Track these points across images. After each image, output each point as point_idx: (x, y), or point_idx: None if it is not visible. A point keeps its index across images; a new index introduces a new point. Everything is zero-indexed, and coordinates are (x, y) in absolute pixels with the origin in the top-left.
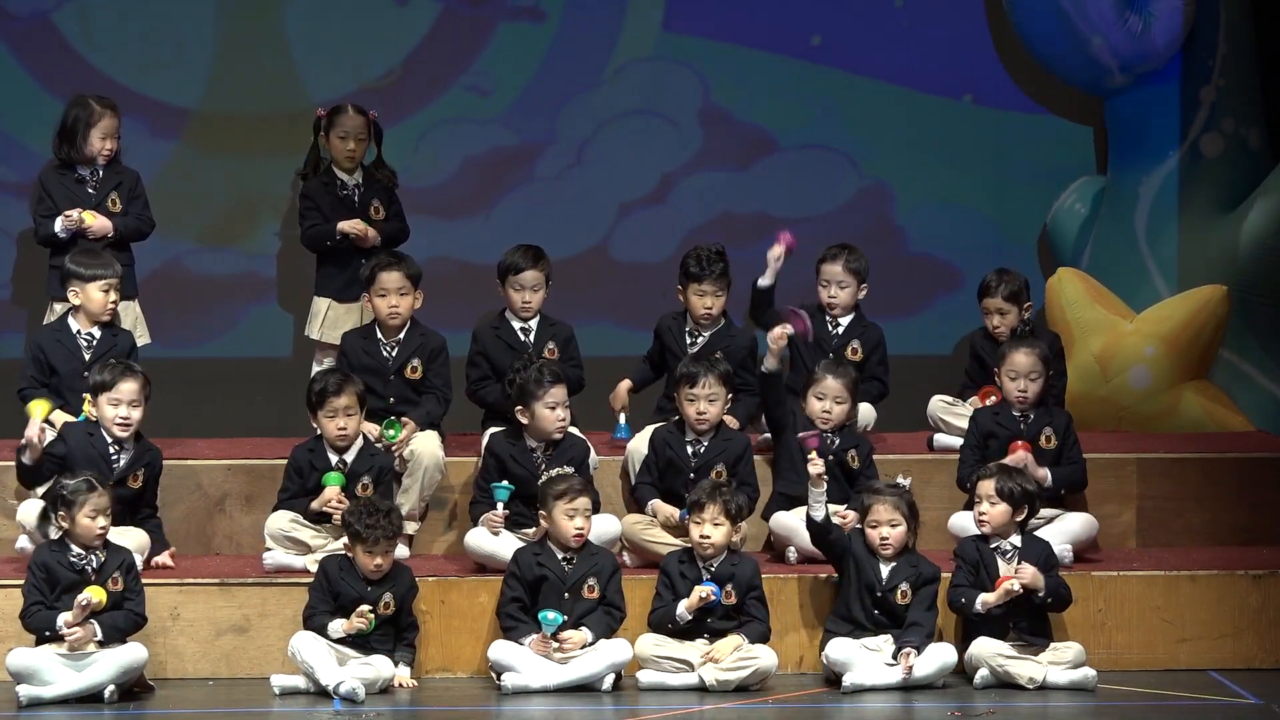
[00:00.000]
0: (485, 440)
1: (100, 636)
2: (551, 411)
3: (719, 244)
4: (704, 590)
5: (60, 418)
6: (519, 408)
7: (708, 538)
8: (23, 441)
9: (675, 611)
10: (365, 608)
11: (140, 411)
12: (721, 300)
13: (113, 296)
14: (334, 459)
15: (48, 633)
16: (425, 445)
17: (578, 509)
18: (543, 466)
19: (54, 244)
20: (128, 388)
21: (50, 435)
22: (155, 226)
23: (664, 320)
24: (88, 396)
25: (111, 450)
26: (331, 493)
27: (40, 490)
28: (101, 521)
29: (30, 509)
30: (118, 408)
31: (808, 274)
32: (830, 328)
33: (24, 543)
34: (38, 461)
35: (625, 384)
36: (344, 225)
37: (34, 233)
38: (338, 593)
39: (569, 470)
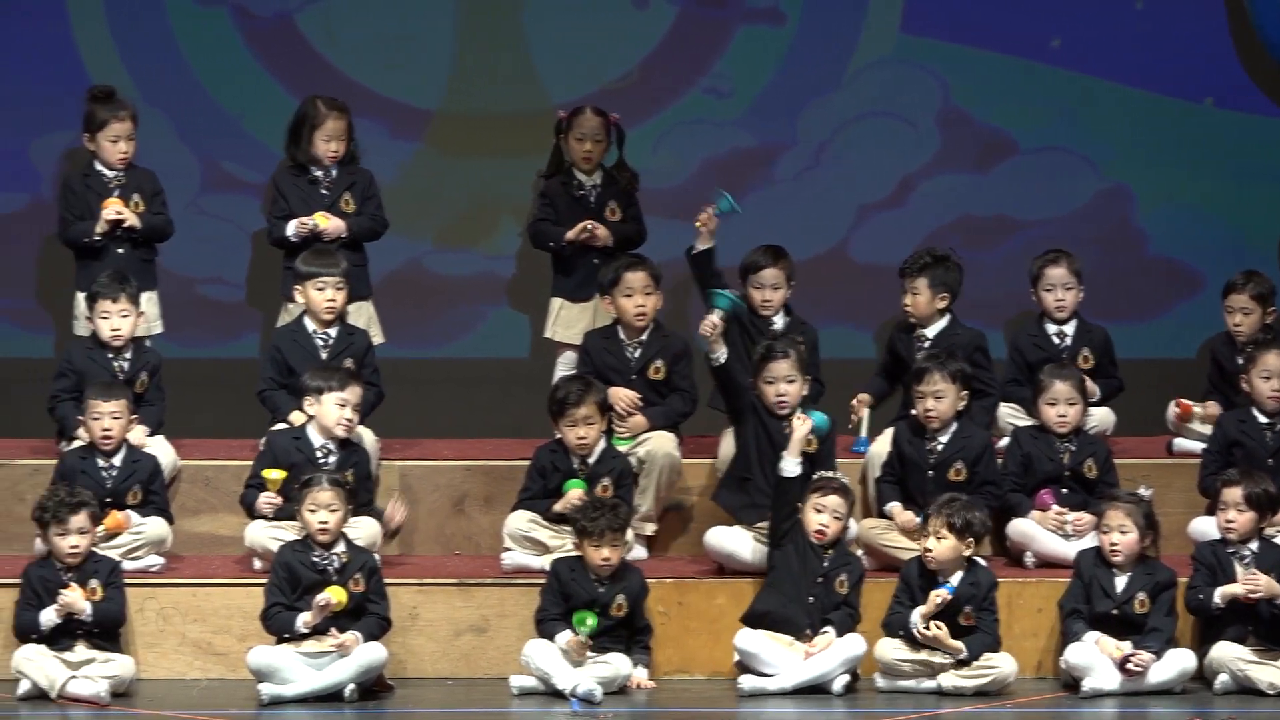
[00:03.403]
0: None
1: (362, 644)
2: (772, 386)
3: (942, 247)
4: (939, 594)
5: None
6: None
7: (929, 551)
8: (261, 504)
9: (910, 619)
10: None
11: (358, 415)
12: (924, 298)
13: (329, 295)
14: (575, 463)
15: (287, 634)
16: (661, 447)
17: (826, 506)
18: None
19: (286, 247)
20: (354, 391)
21: (277, 502)
22: (388, 227)
23: (891, 331)
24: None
25: (320, 453)
26: (573, 496)
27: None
28: (322, 516)
29: (257, 530)
30: (344, 409)
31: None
32: (1059, 340)
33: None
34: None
35: (865, 398)
36: (570, 235)
37: (268, 234)
38: (569, 594)
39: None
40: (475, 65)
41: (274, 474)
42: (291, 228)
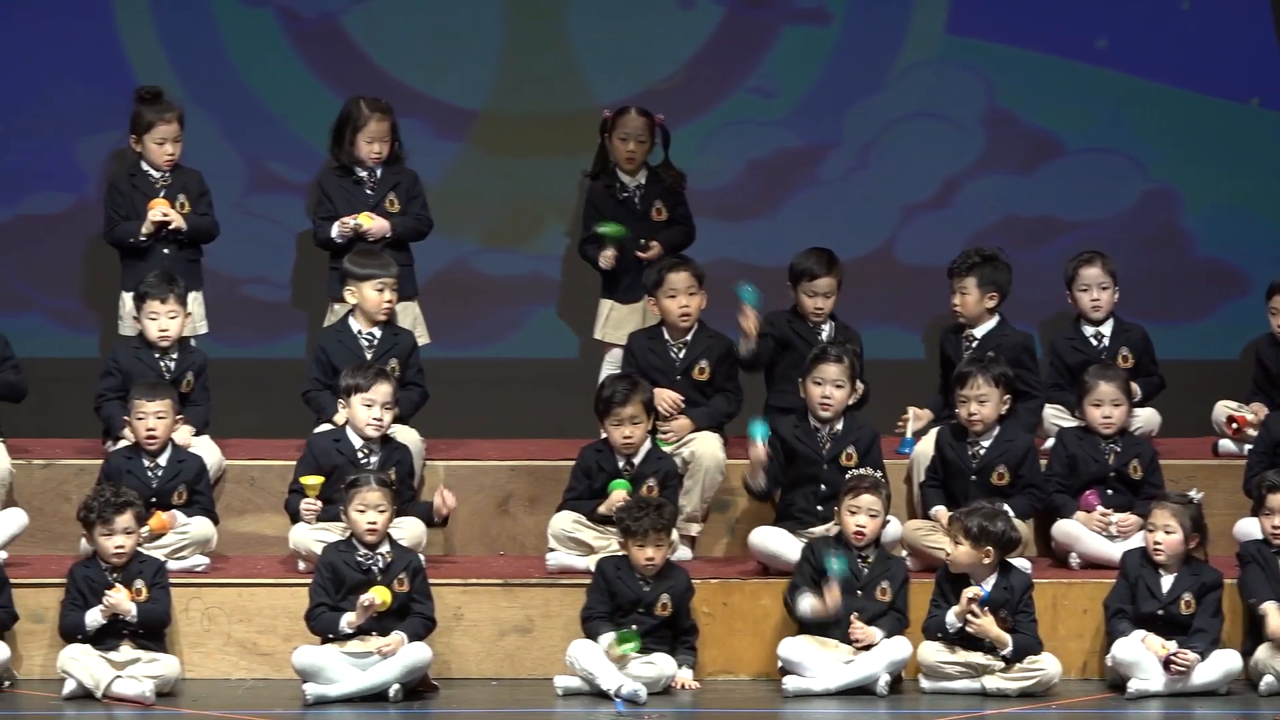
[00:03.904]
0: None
1: (406, 645)
2: (819, 388)
3: (991, 247)
4: (972, 592)
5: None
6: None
7: (949, 555)
8: (303, 511)
9: (946, 619)
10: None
11: (391, 414)
12: (973, 297)
13: (388, 296)
14: (621, 463)
15: (331, 635)
16: (706, 447)
17: (860, 506)
18: (828, 446)
19: (331, 248)
20: (381, 390)
21: (317, 508)
22: (433, 227)
23: (940, 334)
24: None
25: (360, 454)
26: (618, 497)
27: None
28: (371, 516)
29: (301, 532)
30: (371, 409)
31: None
32: (1096, 341)
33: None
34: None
35: (924, 412)
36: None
37: (313, 235)
38: (614, 593)
39: (867, 470)
40: (520, 65)
41: (312, 480)
42: (335, 229)
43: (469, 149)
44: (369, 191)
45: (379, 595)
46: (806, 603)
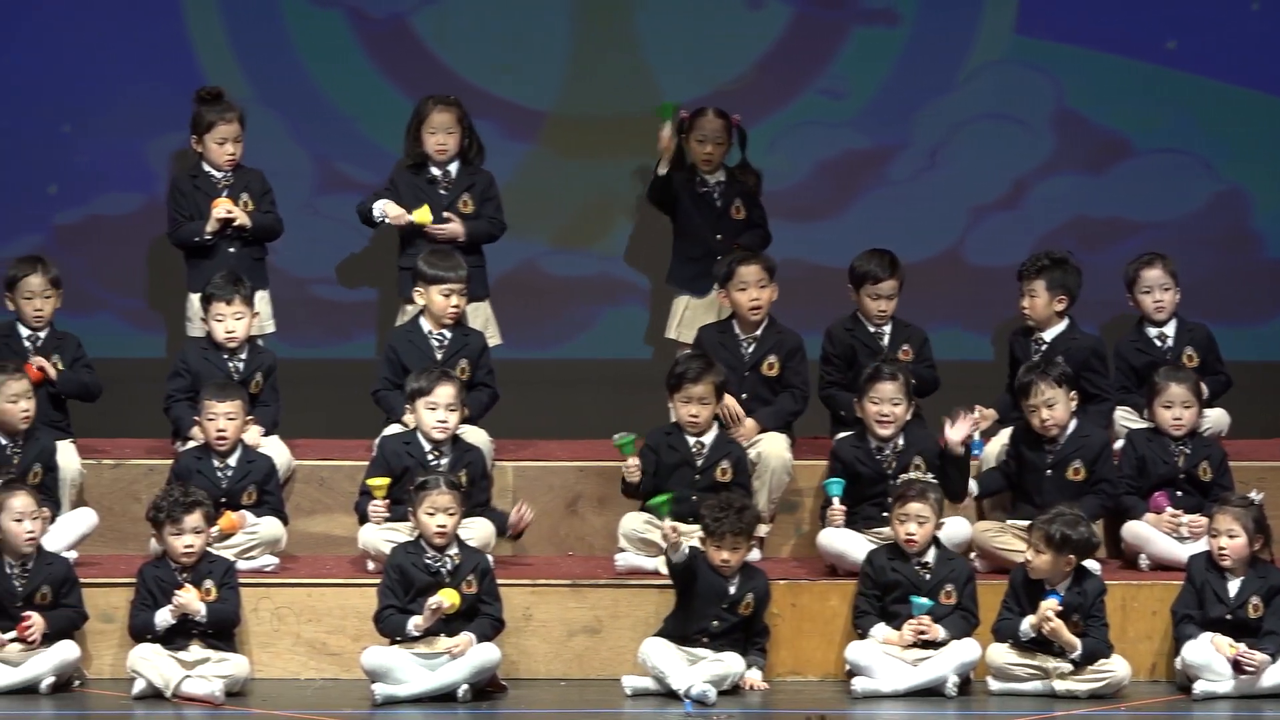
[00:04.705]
0: (832, 448)
1: (475, 645)
2: (876, 406)
3: (1061, 249)
4: (1049, 604)
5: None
6: (857, 402)
7: (1029, 562)
8: (371, 514)
9: (1020, 627)
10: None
11: (457, 415)
12: (1042, 300)
13: (454, 301)
14: (691, 442)
15: (399, 638)
16: (773, 448)
17: (909, 514)
18: (893, 464)
19: (368, 223)
20: (444, 392)
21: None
22: (505, 229)
23: (1009, 336)
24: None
25: (430, 456)
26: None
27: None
28: (440, 519)
29: (371, 532)
30: (435, 411)
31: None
32: (1160, 342)
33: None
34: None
35: (990, 413)
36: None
37: (359, 205)
38: (696, 588)
39: (919, 474)
40: (589, 66)
41: (378, 482)
42: (378, 207)
43: (538, 150)
44: (442, 190)
45: (447, 598)
46: (412, 623)
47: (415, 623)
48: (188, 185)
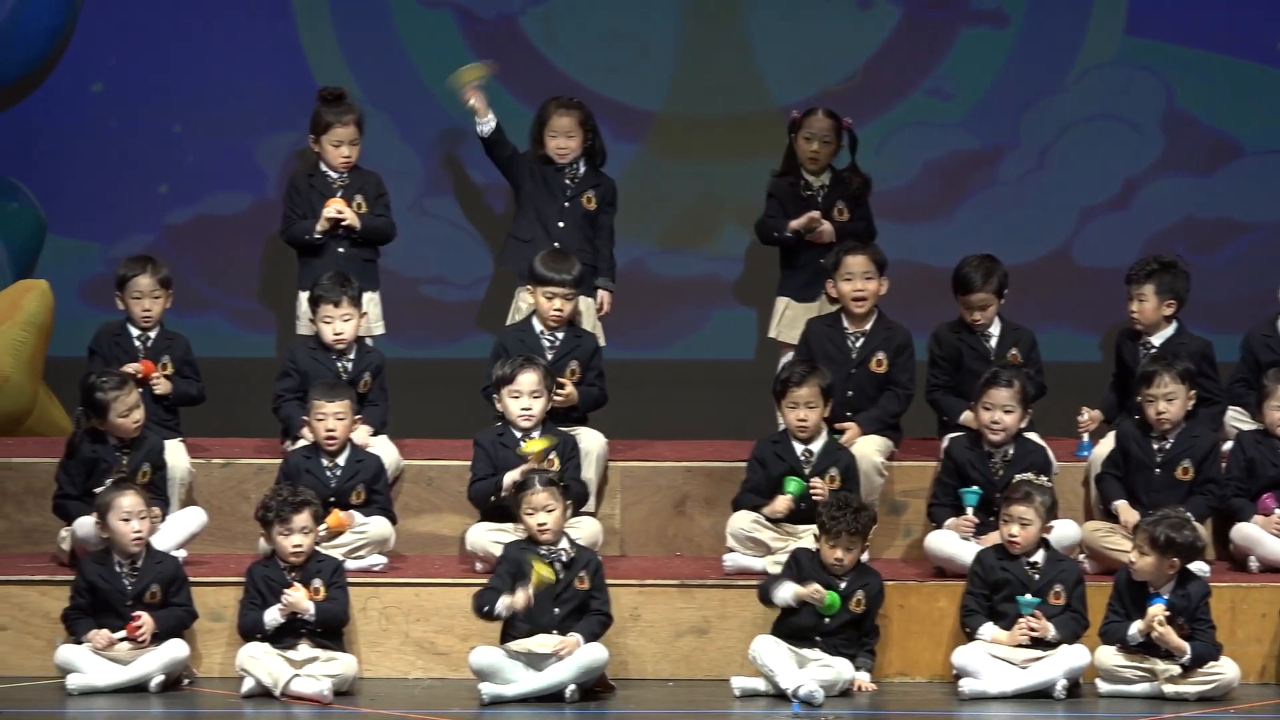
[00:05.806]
0: (945, 444)
1: (582, 645)
2: (989, 413)
3: (1170, 253)
4: (1156, 609)
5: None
6: (971, 407)
7: (1133, 563)
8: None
9: (1127, 631)
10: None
11: (541, 403)
12: (1150, 304)
13: (557, 305)
14: (799, 450)
15: (487, 609)
16: (864, 449)
17: (1012, 515)
18: (1000, 473)
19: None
20: (527, 379)
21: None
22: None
23: (1117, 338)
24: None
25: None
26: (782, 504)
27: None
28: (540, 517)
29: (478, 533)
30: (519, 400)
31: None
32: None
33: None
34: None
35: (1096, 414)
36: (795, 224)
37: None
38: (804, 578)
39: (1032, 476)
40: (697, 67)
41: (535, 445)
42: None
43: (646, 150)
44: (567, 182)
45: (540, 570)
46: (502, 603)
47: (504, 603)
48: (304, 184)
